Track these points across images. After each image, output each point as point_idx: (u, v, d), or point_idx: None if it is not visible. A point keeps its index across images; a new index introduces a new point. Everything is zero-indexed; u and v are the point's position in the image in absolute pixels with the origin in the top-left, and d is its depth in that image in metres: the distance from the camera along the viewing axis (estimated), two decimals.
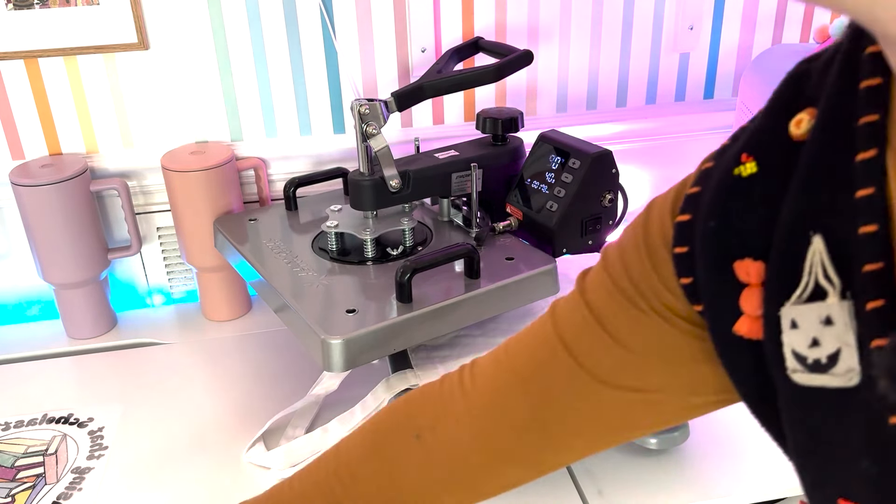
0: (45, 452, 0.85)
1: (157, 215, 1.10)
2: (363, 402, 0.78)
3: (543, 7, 1.11)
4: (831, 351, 0.36)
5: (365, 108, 0.83)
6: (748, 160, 0.42)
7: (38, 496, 0.79)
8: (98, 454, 0.85)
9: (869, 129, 0.36)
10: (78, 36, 0.99)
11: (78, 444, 0.86)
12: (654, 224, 0.49)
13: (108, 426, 0.89)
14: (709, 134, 1.22)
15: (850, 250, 0.36)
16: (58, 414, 0.91)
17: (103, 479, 0.81)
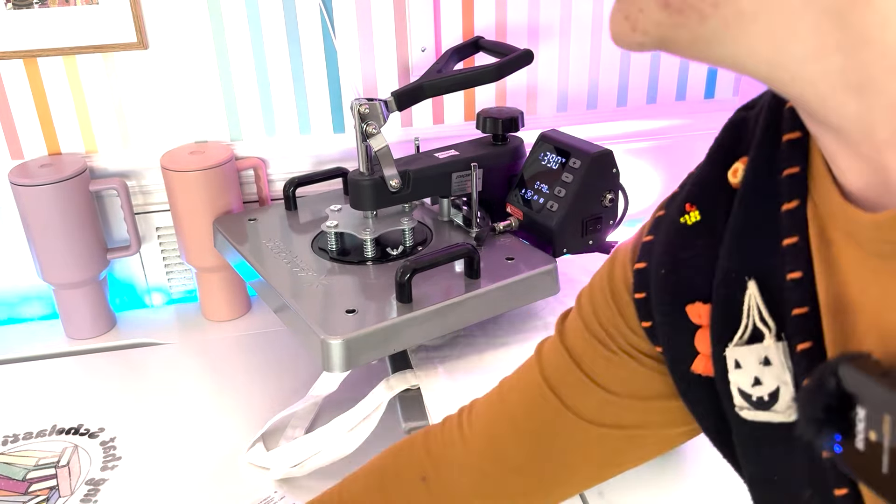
0: (56, 464, 0.83)
1: (156, 215, 1.10)
2: (363, 402, 0.78)
3: (543, 7, 1.11)
4: (772, 389, 0.39)
5: (365, 107, 0.83)
6: (692, 209, 0.45)
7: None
8: (112, 465, 0.83)
9: (791, 180, 0.38)
10: (77, 35, 0.99)
11: (91, 455, 0.84)
12: (618, 270, 0.51)
13: (120, 436, 0.89)
14: (710, 134, 1.22)
15: (782, 295, 0.38)
16: (67, 425, 0.89)
17: (120, 489, 0.81)
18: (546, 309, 0.91)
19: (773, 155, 0.40)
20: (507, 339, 0.86)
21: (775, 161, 0.39)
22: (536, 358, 0.56)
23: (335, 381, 0.86)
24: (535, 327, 0.88)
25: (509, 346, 0.85)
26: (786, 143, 0.39)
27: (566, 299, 0.93)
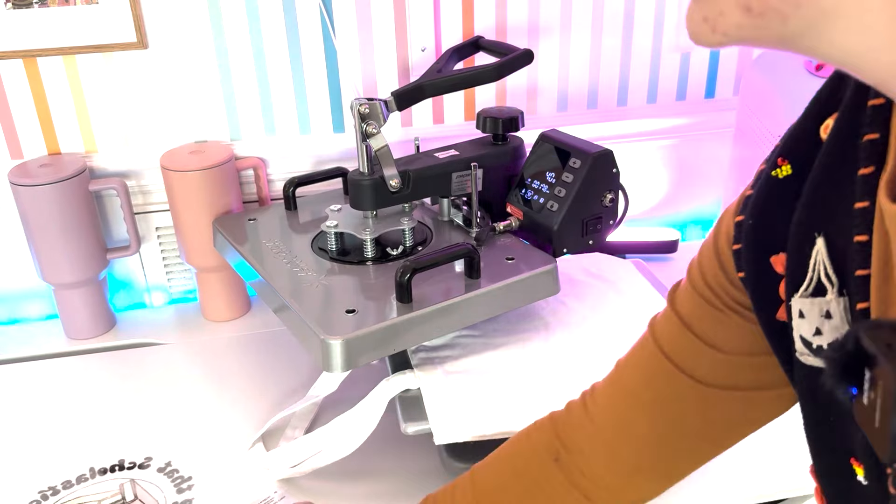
0: (123, 502, 0.79)
1: (156, 215, 1.10)
2: (363, 402, 0.78)
3: (543, 6, 1.11)
4: (830, 340, 0.41)
5: (365, 107, 0.83)
6: (783, 163, 0.46)
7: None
8: (186, 486, 0.81)
9: (871, 146, 0.39)
10: (77, 35, 0.99)
11: (157, 484, 0.81)
12: (724, 226, 0.53)
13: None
14: (710, 134, 1.22)
15: (846, 255, 0.40)
16: (108, 463, 0.84)
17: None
18: (546, 309, 0.91)
19: (857, 117, 0.40)
20: (507, 339, 0.86)
21: (859, 124, 0.40)
22: (650, 331, 0.58)
23: (335, 381, 0.86)
24: (535, 327, 0.88)
25: (509, 346, 0.84)
26: (870, 108, 0.40)
27: (566, 299, 0.93)
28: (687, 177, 1.25)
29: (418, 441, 0.78)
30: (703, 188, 1.26)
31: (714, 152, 1.23)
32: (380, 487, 0.80)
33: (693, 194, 1.26)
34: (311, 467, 0.78)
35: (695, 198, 1.27)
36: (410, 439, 0.77)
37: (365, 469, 0.81)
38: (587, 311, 0.91)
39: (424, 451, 0.82)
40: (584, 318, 0.90)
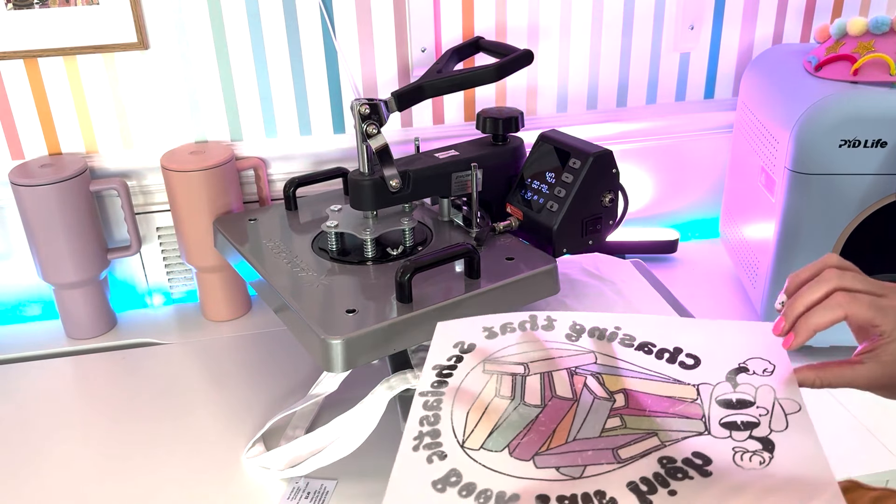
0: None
1: (156, 215, 1.10)
2: (363, 402, 0.78)
3: (543, 7, 1.11)
4: None
5: (365, 107, 0.83)
6: None
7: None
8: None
9: None
10: (78, 36, 0.99)
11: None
12: None
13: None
14: (709, 134, 1.22)
15: None
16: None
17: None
18: (546, 309, 0.91)
19: None
20: None
21: None
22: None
23: (335, 381, 0.86)
24: None
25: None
26: None
27: (566, 299, 0.93)
28: (686, 177, 1.25)
29: None
30: (702, 188, 1.26)
31: (713, 153, 1.23)
32: (380, 487, 0.79)
33: (692, 195, 1.27)
34: (311, 467, 0.78)
35: (694, 198, 1.27)
36: None
37: (365, 469, 0.81)
38: (587, 311, 0.91)
39: None
40: None
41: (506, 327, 0.69)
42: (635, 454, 0.55)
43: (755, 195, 1.00)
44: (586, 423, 0.58)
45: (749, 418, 0.57)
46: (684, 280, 1.15)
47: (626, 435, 0.57)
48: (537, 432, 0.58)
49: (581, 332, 0.67)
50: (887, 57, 0.87)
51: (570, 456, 0.56)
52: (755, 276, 1.00)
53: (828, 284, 0.57)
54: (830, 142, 0.84)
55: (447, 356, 0.67)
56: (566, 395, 0.61)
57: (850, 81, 0.89)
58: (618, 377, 0.62)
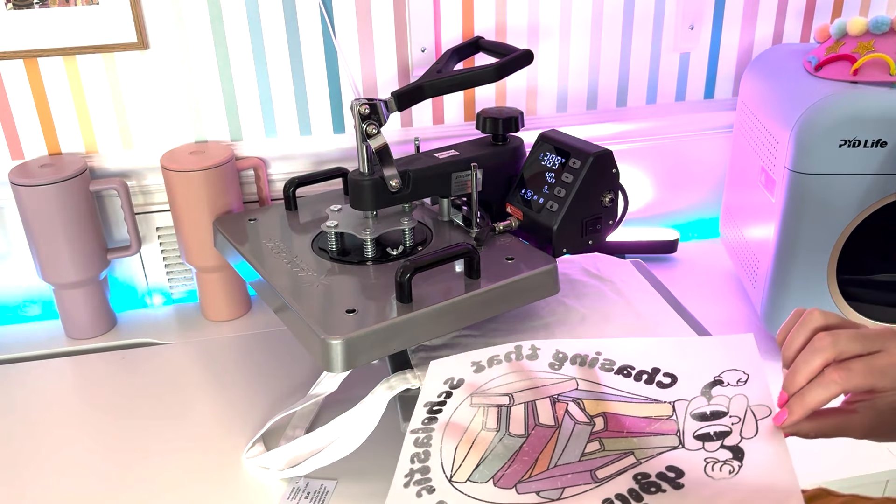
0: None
1: (156, 215, 1.10)
2: (363, 402, 0.78)
3: (543, 7, 1.11)
4: None
5: (365, 107, 0.83)
6: None
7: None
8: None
9: None
10: (77, 36, 0.99)
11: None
12: None
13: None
14: (709, 134, 1.22)
15: None
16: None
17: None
18: (546, 309, 0.91)
19: None
20: (507, 339, 0.86)
21: None
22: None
23: (335, 381, 0.86)
24: (535, 327, 0.88)
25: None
26: None
27: (566, 299, 0.93)
28: (686, 177, 1.25)
29: None
30: (702, 188, 1.26)
31: (713, 153, 1.23)
32: (380, 487, 0.80)
33: (692, 195, 1.27)
34: (311, 467, 0.78)
35: (694, 198, 1.27)
36: None
37: (365, 469, 0.81)
38: (587, 311, 0.91)
39: None
40: (583, 318, 0.90)
41: (493, 360, 0.72)
42: (611, 473, 0.56)
43: (755, 195, 1.00)
44: (567, 448, 0.60)
45: (721, 428, 0.57)
46: (684, 280, 1.15)
47: (605, 457, 0.58)
48: (521, 462, 0.60)
49: (564, 360, 0.69)
50: (887, 57, 0.87)
51: (550, 481, 0.57)
52: (755, 276, 1.00)
53: (821, 355, 0.55)
54: (830, 142, 0.84)
55: (437, 392, 0.69)
56: (549, 423, 0.63)
57: (850, 81, 0.89)
58: (598, 401, 0.63)
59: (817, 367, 0.55)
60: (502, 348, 0.72)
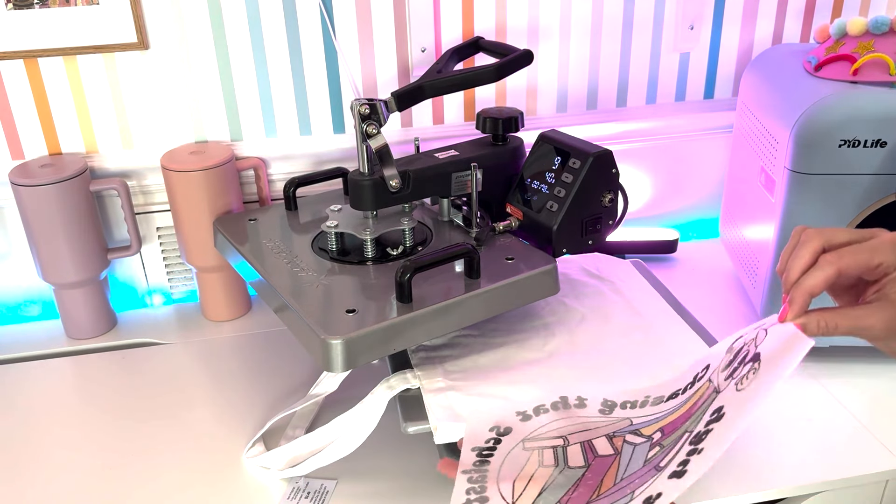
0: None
1: (156, 215, 1.10)
2: (363, 402, 0.78)
3: (543, 7, 1.11)
4: None
5: (365, 107, 0.83)
6: None
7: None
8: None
9: None
10: (78, 36, 0.99)
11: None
12: None
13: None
14: (709, 134, 1.22)
15: None
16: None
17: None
18: (546, 309, 0.91)
19: None
20: (507, 339, 0.86)
21: None
22: None
23: (335, 381, 0.86)
24: (535, 327, 0.88)
25: (509, 345, 0.85)
26: None
27: (566, 299, 0.93)
28: (686, 177, 1.25)
29: (418, 441, 0.78)
30: (702, 188, 1.26)
31: (713, 153, 1.23)
32: (380, 487, 0.80)
33: (692, 195, 1.27)
34: (311, 467, 0.78)
35: (694, 198, 1.27)
36: (410, 439, 0.77)
37: (365, 469, 0.81)
38: (587, 311, 0.91)
39: (424, 451, 0.82)
40: (583, 318, 0.90)
41: (539, 409, 0.71)
42: (673, 455, 0.56)
43: (755, 195, 1.00)
44: (631, 464, 0.59)
45: (742, 355, 0.57)
46: (684, 280, 1.15)
47: (665, 450, 0.58)
48: (585, 486, 0.59)
49: (613, 407, 0.69)
50: (887, 57, 0.87)
51: (620, 492, 0.57)
52: (755, 276, 1.00)
53: (811, 243, 0.54)
54: (830, 142, 0.84)
55: (485, 439, 0.68)
56: (608, 453, 0.62)
57: (850, 81, 0.89)
58: (653, 424, 0.63)
59: (808, 258, 0.54)
60: (547, 397, 0.72)
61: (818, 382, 0.92)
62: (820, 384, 0.92)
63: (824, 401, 0.89)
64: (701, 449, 0.53)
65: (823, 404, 0.88)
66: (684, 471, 0.53)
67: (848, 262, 0.53)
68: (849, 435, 0.84)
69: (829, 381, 0.92)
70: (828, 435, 0.84)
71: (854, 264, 0.53)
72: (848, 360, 0.95)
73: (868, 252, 0.53)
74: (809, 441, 0.83)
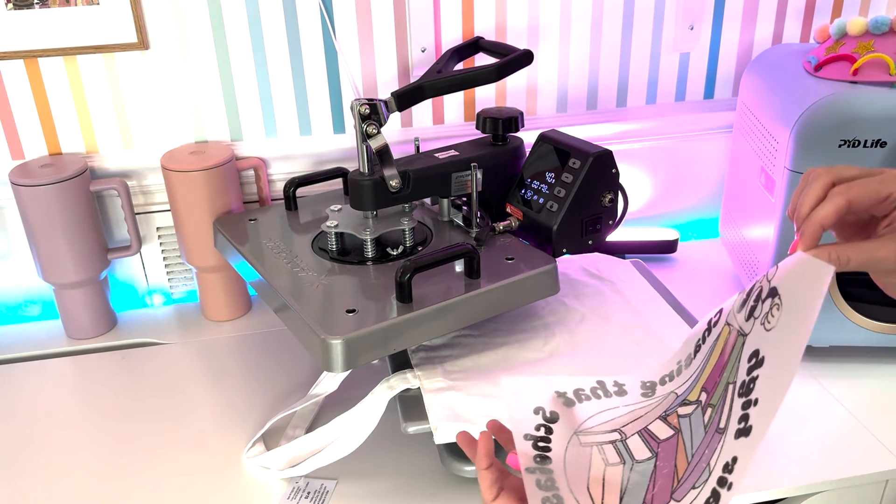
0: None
1: (156, 215, 1.10)
2: (363, 402, 0.78)
3: (543, 7, 1.11)
4: None
5: (365, 107, 0.83)
6: None
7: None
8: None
9: None
10: (78, 36, 0.99)
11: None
12: None
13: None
14: (709, 134, 1.22)
15: None
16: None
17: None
18: (546, 309, 0.91)
19: None
20: (507, 339, 0.86)
21: None
22: None
23: (335, 381, 0.87)
24: (535, 327, 0.88)
25: (509, 345, 0.85)
26: None
27: (566, 299, 0.93)
28: (686, 177, 1.25)
29: (418, 441, 0.78)
30: (702, 188, 1.26)
31: (713, 153, 1.23)
32: (380, 487, 0.80)
33: (692, 194, 1.27)
34: (311, 467, 0.78)
35: (694, 198, 1.27)
36: (410, 439, 0.77)
37: (365, 469, 0.81)
38: (587, 311, 0.91)
39: (424, 451, 0.82)
40: (583, 318, 0.90)
41: (579, 394, 0.70)
42: (727, 414, 0.55)
43: (755, 195, 1.00)
44: (693, 437, 0.59)
45: (756, 292, 0.57)
46: (684, 280, 1.15)
47: (717, 410, 0.57)
48: (663, 476, 0.59)
49: (653, 387, 0.68)
50: (887, 57, 0.87)
51: (697, 468, 0.56)
52: (755, 277, 1.00)
53: (821, 179, 0.54)
54: (830, 142, 0.85)
55: (533, 424, 0.67)
56: (669, 434, 0.62)
57: (850, 81, 0.89)
58: (695, 388, 0.63)
59: (819, 192, 0.53)
60: (584, 381, 0.70)
61: (818, 382, 0.92)
62: (820, 384, 0.92)
63: (824, 401, 0.89)
64: (755, 400, 0.52)
65: (823, 404, 0.88)
66: (749, 427, 0.52)
67: (857, 192, 0.52)
68: (849, 435, 0.84)
69: (829, 381, 0.92)
70: (828, 435, 0.84)
71: (864, 195, 0.52)
72: (848, 360, 0.95)
73: (878, 184, 0.53)
74: (809, 441, 0.83)
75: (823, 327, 0.91)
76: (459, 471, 0.78)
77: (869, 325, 0.91)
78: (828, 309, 0.90)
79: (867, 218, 0.56)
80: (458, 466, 0.78)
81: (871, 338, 0.91)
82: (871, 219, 0.56)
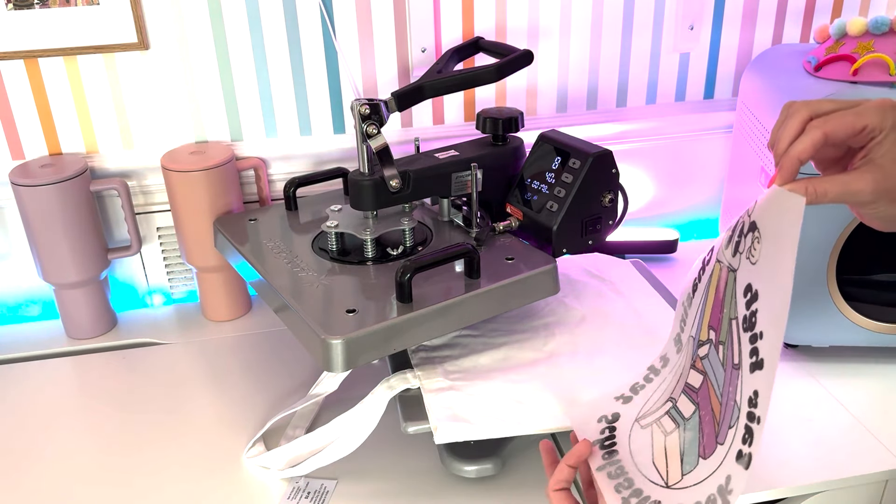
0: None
1: (157, 215, 1.10)
2: (363, 402, 0.78)
3: (543, 7, 1.11)
4: None
5: (365, 108, 0.83)
6: None
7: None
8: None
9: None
10: (78, 36, 0.99)
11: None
12: None
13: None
14: (709, 134, 1.22)
15: None
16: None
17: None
18: (546, 309, 0.91)
19: None
20: (507, 339, 0.86)
21: None
22: None
23: (335, 381, 0.87)
24: (535, 327, 0.88)
25: (509, 346, 0.85)
26: None
27: (566, 299, 0.93)
28: (686, 177, 1.25)
29: (418, 441, 0.78)
30: (702, 188, 1.26)
31: (713, 153, 1.23)
32: (380, 487, 0.80)
33: (692, 195, 1.27)
34: (311, 467, 0.78)
35: (694, 198, 1.27)
36: (410, 439, 0.77)
37: (365, 469, 0.81)
38: (587, 311, 0.91)
39: (424, 451, 0.82)
40: (583, 318, 0.90)
41: (635, 388, 0.73)
42: (738, 349, 0.57)
43: (755, 195, 1.00)
44: (717, 377, 0.61)
45: (739, 227, 0.59)
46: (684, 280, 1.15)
47: (729, 346, 0.59)
48: (707, 424, 0.61)
49: (679, 339, 0.71)
50: (887, 57, 0.87)
51: (727, 408, 0.58)
52: None
53: (799, 114, 0.55)
54: None
55: (599, 430, 0.70)
56: (700, 380, 0.64)
57: (850, 81, 0.89)
58: (703, 327, 0.65)
59: (796, 126, 0.55)
60: (639, 374, 0.73)
61: (818, 382, 0.92)
62: (820, 384, 0.92)
63: (824, 401, 0.89)
64: (760, 333, 0.54)
65: (823, 404, 0.88)
66: (760, 360, 0.54)
67: (834, 125, 0.53)
68: (849, 435, 0.84)
69: (829, 381, 0.92)
70: (828, 435, 0.84)
71: (840, 127, 0.53)
72: (848, 360, 0.95)
73: (853, 115, 0.54)
74: (809, 441, 0.83)
75: (823, 327, 0.91)
76: (459, 471, 0.78)
77: (869, 325, 0.91)
78: (828, 309, 0.90)
79: (845, 150, 0.57)
80: (458, 466, 0.78)
81: (871, 338, 0.91)
82: (849, 150, 0.56)
